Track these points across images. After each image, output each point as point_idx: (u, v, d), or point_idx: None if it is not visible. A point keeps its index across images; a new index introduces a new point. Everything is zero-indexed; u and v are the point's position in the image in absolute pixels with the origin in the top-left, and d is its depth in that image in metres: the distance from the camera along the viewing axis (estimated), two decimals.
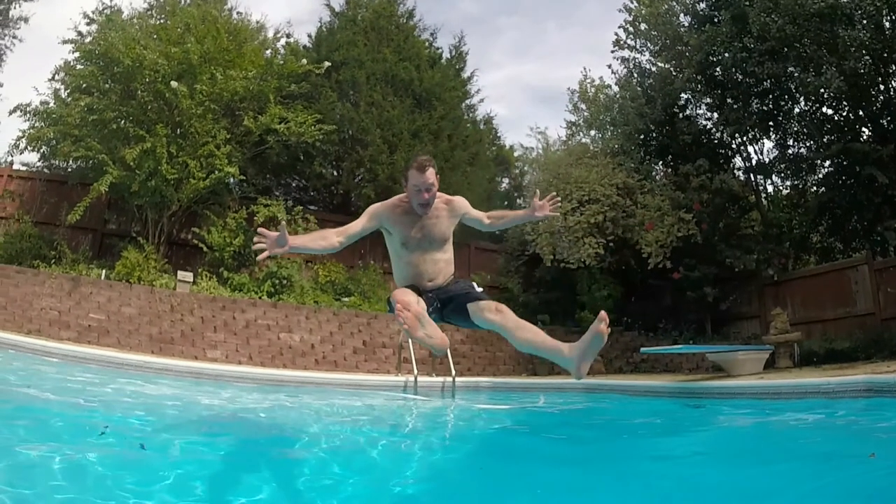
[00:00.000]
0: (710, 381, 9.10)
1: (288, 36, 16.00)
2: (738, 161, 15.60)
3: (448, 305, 3.89)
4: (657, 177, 15.36)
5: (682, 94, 15.34)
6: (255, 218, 13.13)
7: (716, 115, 15.12)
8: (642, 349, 11.54)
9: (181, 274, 12.13)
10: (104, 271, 11.95)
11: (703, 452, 4.77)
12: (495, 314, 3.62)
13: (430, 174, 3.89)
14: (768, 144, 14.93)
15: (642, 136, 15.37)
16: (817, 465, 3.83)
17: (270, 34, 15.71)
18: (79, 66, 13.03)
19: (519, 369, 13.37)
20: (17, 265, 11.64)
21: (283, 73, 13.89)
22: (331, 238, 3.94)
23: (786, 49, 12.26)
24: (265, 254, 3.65)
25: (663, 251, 13.26)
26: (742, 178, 15.44)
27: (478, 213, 4.31)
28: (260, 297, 12.49)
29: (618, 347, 14.02)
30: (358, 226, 4.04)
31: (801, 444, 4.83)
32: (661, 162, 15.86)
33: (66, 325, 10.97)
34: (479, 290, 3.92)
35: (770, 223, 14.49)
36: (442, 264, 4.08)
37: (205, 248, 12.91)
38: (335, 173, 16.34)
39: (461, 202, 4.24)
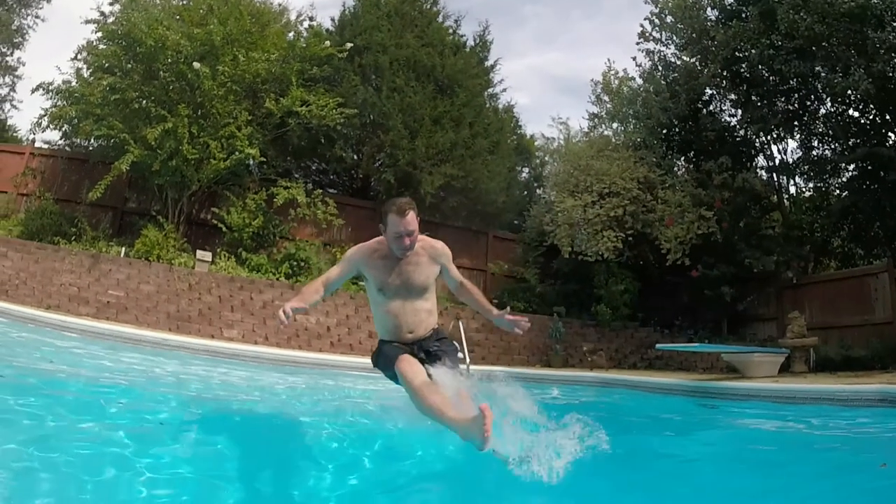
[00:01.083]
0: (725, 381, 9.06)
1: (311, 19, 16.01)
2: (760, 160, 15.42)
3: (432, 363, 3.78)
4: (679, 172, 15.24)
5: (707, 90, 15.17)
6: (275, 200, 13.20)
7: (740, 112, 14.94)
8: (657, 345, 11.49)
9: (200, 253, 12.23)
10: (124, 249, 12.08)
11: (710, 452, 4.76)
12: None
13: (411, 218, 3.72)
14: (792, 144, 14.77)
15: (665, 131, 15.24)
16: (826, 471, 3.82)
17: (293, 17, 15.76)
18: (101, 46, 13.07)
19: (533, 360, 13.40)
20: (37, 241, 11.80)
21: (305, 55, 13.87)
22: (320, 290, 3.92)
23: (814, 48, 12.07)
24: (286, 325, 3.63)
25: (682, 248, 13.18)
26: (764, 177, 15.27)
27: (457, 273, 4.13)
28: (277, 279, 12.59)
29: (633, 343, 14.00)
30: (334, 274, 4.00)
31: (812, 449, 4.81)
32: (683, 157, 15.72)
33: (86, 301, 11.12)
34: (459, 355, 3.86)
35: (791, 225, 14.33)
36: (423, 314, 3.93)
37: (224, 229, 12.99)
38: (355, 157, 16.34)
39: (444, 249, 4.07)
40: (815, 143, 14.20)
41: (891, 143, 12.45)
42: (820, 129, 13.94)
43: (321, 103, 13.49)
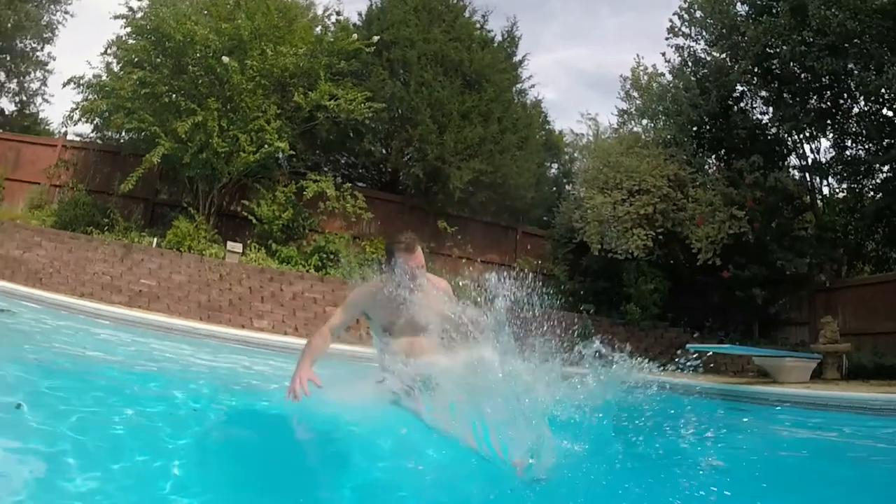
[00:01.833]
0: (755, 385, 8.93)
1: (338, 14, 16.01)
2: (793, 159, 15.15)
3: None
4: (710, 170, 15.02)
5: (738, 87, 14.91)
6: (304, 193, 13.30)
7: (771, 109, 14.67)
8: (688, 346, 11.33)
9: (230, 244, 12.36)
10: (156, 239, 12.25)
11: (734, 456, 4.69)
12: None
13: (419, 253, 3.74)
14: (825, 144, 14.47)
15: (695, 128, 15.02)
16: (853, 481, 3.76)
17: (320, 11, 15.79)
18: (130, 41, 13.25)
19: None
20: (71, 231, 12.01)
21: (333, 50, 13.92)
22: (328, 339, 3.92)
23: (846, 45, 11.79)
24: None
25: (713, 248, 12.97)
26: (797, 177, 15.00)
27: None
28: (307, 271, 12.68)
29: (662, 343, 13.84)
30: (339, 320, 3.97)
31: (840, 458, 4.72)
32: (714, 155, 15.49)
33: (118, 290, 11.31)
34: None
35: (825, 226, 14.06)
36: (430, 352, 3.86)
37: (254, 221, 13.11)
38: (384, 151, 16.37)
39: (447, 288, 4.05)
40: (849, 143, 13.94)
41: None
42: (853, 129, 13.68)
43: (349, 97, 13.52)
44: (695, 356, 11.34)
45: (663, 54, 16.28)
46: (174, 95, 12.57)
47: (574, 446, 3.30)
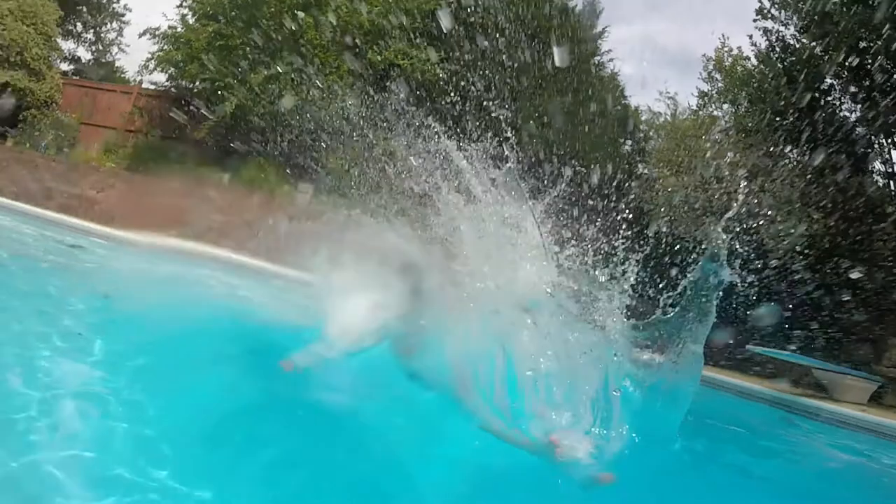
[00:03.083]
0: (810, 398, 8.67)
1: None
2: (877, 164, 14.30)
3: None
4: (789, 165, 14.35)
5: (827, 79, 14.07)
6: (374, 148, 13.34)
7: (860, 108, 13.82)
8: (748, 346, 11.00)
9: (301, 186, 12.53)
10: (227, 176, 12.51)
11: (774, 468, 4.62)
12: None
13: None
14: None
15: (778, 118, 14.31)
16: None
17: None
18: None
19: None
20: (142, 173, 12.40)
21: (409, 9, 13.80)
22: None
23: None
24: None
25: (786, 248, 12.47)
26: (880, 183, 14.16)
27: None
28: (376, 221, 12.80)
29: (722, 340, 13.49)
30: None
31: (878, 490, 4.58)
32: (794, 150, 14.77)
33: (188, 227, 11.62)
34: None
35: None
36: None
37: (323, 173, 13.25)
38: (456, 112, 16.26)
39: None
40: None
41: None
42: None
43: (423, 57, 13.43)
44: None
45: (750, 37, 15.40)
46: (248, 48, 12.68)
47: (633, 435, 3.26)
